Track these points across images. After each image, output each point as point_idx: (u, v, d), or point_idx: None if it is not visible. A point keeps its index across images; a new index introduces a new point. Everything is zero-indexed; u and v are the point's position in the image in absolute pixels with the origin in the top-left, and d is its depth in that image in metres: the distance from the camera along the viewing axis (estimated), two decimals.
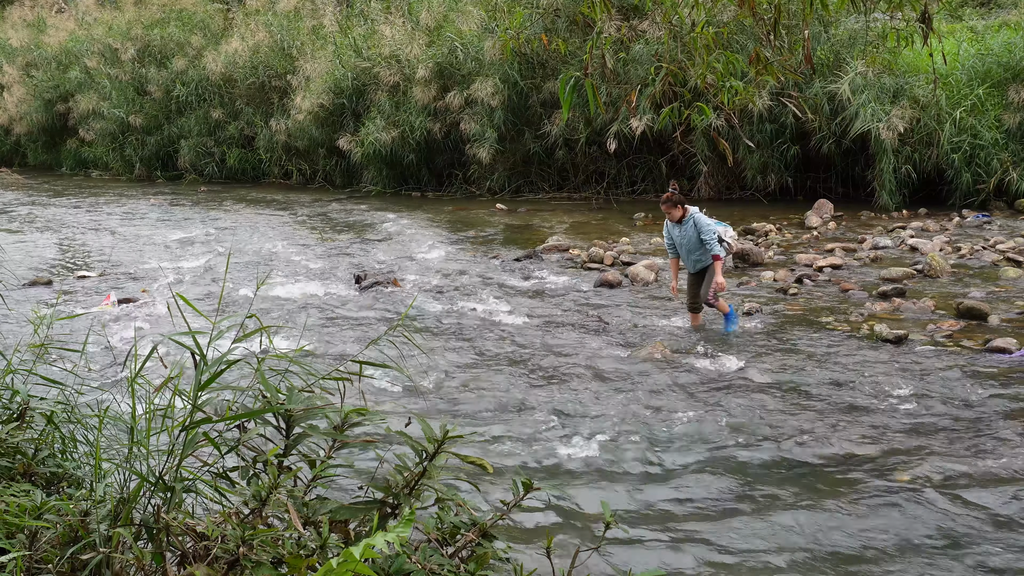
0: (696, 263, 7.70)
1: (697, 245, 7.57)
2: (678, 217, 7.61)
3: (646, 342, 7.59)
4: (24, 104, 25.92)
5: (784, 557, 4.11)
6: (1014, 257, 9.98)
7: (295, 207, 17.35)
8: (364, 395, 2.89)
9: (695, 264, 7.71)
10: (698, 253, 7.62)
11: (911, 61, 14.44)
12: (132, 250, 13.09)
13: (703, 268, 7.69)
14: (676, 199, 7.58)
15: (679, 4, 4.25)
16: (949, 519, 4.40)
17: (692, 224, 7.54)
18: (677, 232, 7.67)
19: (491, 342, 7.81)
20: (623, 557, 4.12)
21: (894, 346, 7.23)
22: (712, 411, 5.98)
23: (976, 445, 5.28)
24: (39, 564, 2.20)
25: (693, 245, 7.60)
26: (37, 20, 27.95)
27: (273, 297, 9.55)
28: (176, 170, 23.31)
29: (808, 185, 15.40)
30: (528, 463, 5.23)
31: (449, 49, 17.82)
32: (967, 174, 13.42)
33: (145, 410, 2.51)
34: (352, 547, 1.72)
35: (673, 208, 7.59)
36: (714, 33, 4.05)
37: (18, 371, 3.20)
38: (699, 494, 4.79)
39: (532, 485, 2.36)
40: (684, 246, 7.66)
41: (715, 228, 7.57)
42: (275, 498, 2.19)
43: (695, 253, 7.64)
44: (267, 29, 21.62)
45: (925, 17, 3.88)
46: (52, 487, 2.79)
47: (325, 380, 2.66)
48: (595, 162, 16.95)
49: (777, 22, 3.98)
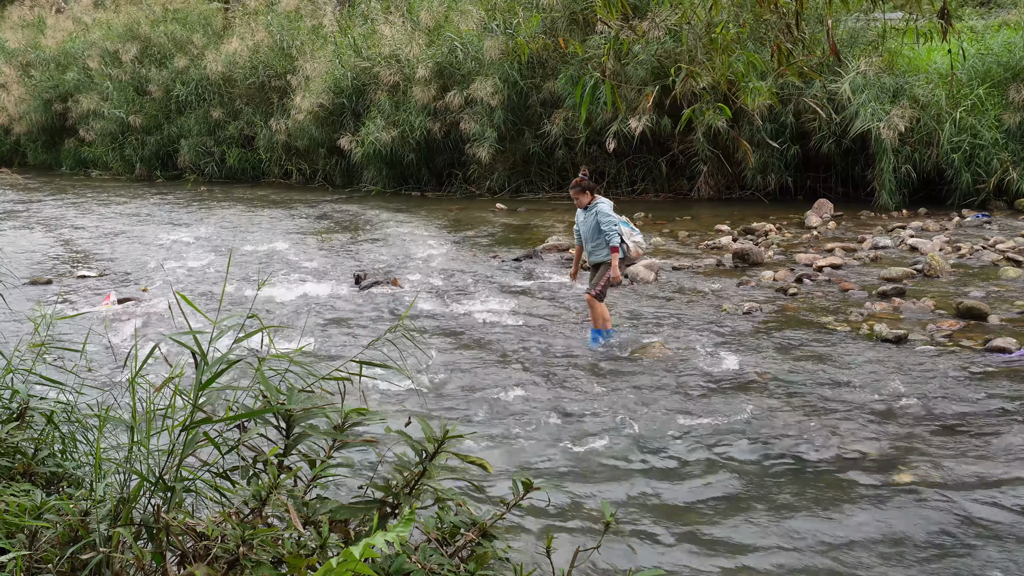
0: (591, 253, 7.63)
1: (595, 234, 7.49)
2: (585, 203, 7.55)
3: (646, 342, 7.59)
4: (23, 104, 25.92)
5: (784, 556, 4.12)
6: (1014, 257, 9.98)
7: (295, 207, 17.34)
8: (364, 395, 2.89)
9: (590, 255, 7.64)
10: (594, 244, 7.54)
11: (911, 61, 14.44)
12: (132, 250, 13.09)
13: (598, 262, 7.61)
14: (585, 185, 7.51)
15: (696, 4, 4.25)
16: (949, 519, 4.40)
17: (595, 213, 7.48)
18: (581, 218, 7.64)
19: (491, 342, 7.81)
20: (623, 557, 4.12)
21: (894, 346, 7.23)
22: (712, 411, 5.98)
23: (976, 445, 5.28)
24: (39, 564, 2.20)
25: (591, 234, 7.53)
26: (37, 20, 27.94)
27: (273, 297, 9.55)
28: (176, 170, 23.31)
29: (808, 185, 15.40)
30: (528, 463, 5.23)
31: (449, 49, 17.83)
32: (967, 174, 13.42)
33: (145, 410, 2.51)
34: (352, 547, 1.72)
35: (581, 194, 7.53)
36: (735, 33, 4.04)
37: (18, 371, 3.20)
38: (699, 494, 4.79)
39: (532, 485, 2.36)
40: (584, 234, 7.61)
41: (617, 223, 7.48)
42: (275, 498, 2.19)
43: (592, 242, 7.56)
44: (267, 29, 21.62)
45: (944, 13, 3.86)
46: (52, 487, 2.79)
47: (325, 380, 2.66)
48: (595, 162, 16.94)
49: (799, 14, 3.96)
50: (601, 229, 7.43)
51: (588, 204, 7.56)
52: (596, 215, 7.46)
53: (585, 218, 7.58)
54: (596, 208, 7.49)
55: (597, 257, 7.59)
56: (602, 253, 7.52)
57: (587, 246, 7.63)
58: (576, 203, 7.66)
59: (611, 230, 7.37)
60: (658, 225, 13.68)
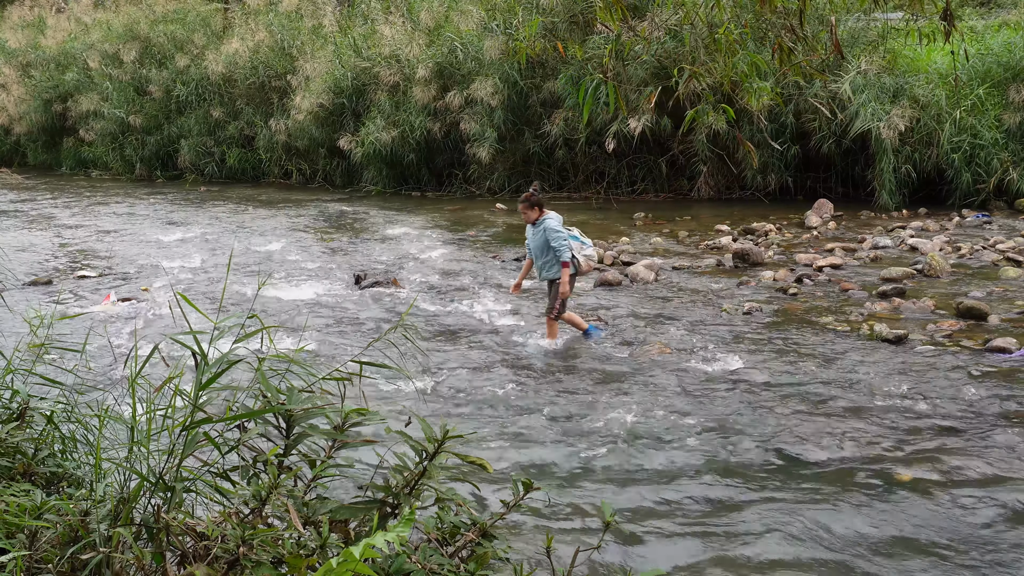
0: (541, 270, 7.54)
1: (545, 250, 7.41)
2: (533, 219, 7.49)
3: (646, 342, 7.59)
4: (23, 104, 25.92)
5: (784, 556, 4.11)
6: (1014, 257, 9.98)
7: (295, 207, 17.35)
8: (364, 395, 2.89)
9: (541, 271, 7.55)
10: (545, 258, 7.45)
11: (911, 61, 14.45)
12: (132, 250, 13.09)
13: (550, 279, 7.52)
14: (533, 200, 7.45)
15: (699, 4, 4.24)
16: (949, 519, 4.40)
17: (543, 229, 7.40)
18: (531, 234, 7.56)
19: (491, 342, 7.81)
20: (623, 557, 4.12)
21: (894, 346, 7.23)
22: (711, 411, 5.98)
23: (976, 445, 5.28)
24: (39, 564, 2.20)
25: (541, 250, 7.44)
26: (37, 20, 27.94)
27: (273, 297, 9.55)
28: (176, 170, 23.31)
29: (808, 185, 15.41)
30: (528, 463, 5.23)
31: (449, 49, 17.83)
32: (967, 174, 13.42)
33: (145, 410, 2.51)
34: (352, 547, 1.72)
35: (529, 209, 7.47)
36: (738, 34, 4.04)
37: (18, 371, 3.20)
38: (699, 494, 4.79)
39: (532, 485, 2.36)
40: (534, 249, 7.53)
41: (567, 237, 7.40)
42: (275, 498, 2.19)
43: (542, 258, 7.47)
44: (267, 29, 21.62)
45: (947, 14, 3.86)
46: (52, 487, 2.79)
47: (325, 380, 2.66)
48: (595, 162, 16.95)
49: (803, 12, 3.95)
50: (551, 247, 7.35)
51: (536, 220, 7.49)
52: (545, 231, 7.39)
53: (534, 234, 7.50)
54: (544, 224, 7.41)
55: (549, 273, 7.51)
56: (554, 269, 7.45)
57: (537, 262, 7.55)
58: (524, 218, 7.60)
59: (561, 246, 7.32)
60: (658, 225, 13.69)
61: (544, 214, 7.50)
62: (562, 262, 7.34)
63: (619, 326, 8.17)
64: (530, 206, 7.47)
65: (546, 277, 7.56)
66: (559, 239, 7.33)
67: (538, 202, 7.49)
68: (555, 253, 7.35)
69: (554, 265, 7.43)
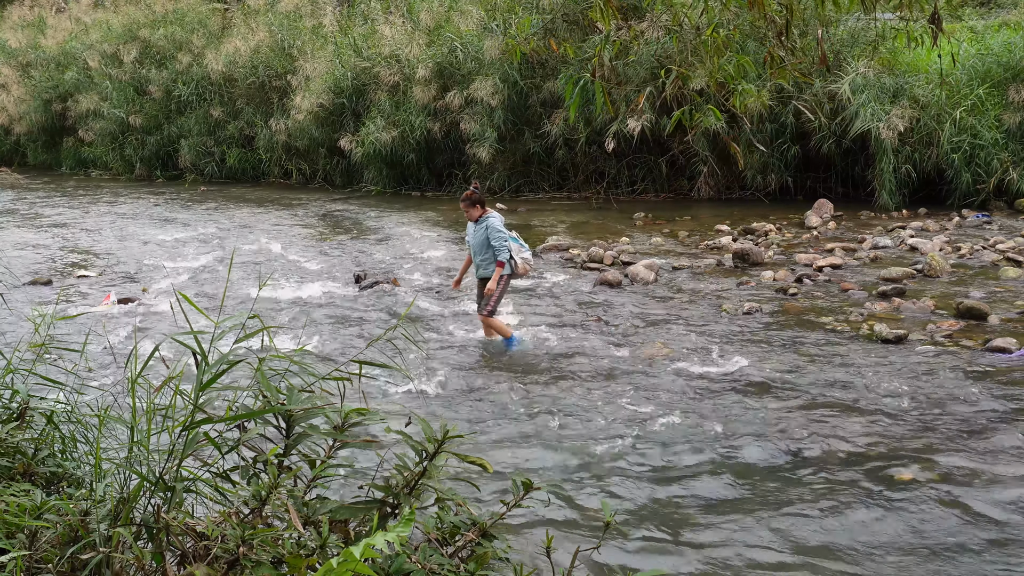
0: (479, 267, 7.63)
1: (484, 248, 7.50)
2: (475, 217, 7.57)
3: (646, 342, 7.59)
4: (23, 104, 25.92)
5: (784, 556, 4.11)
6: (1014, 257, 9.98)
7: (295, 207, 17.34)
8: (364, 395, 2.89)
9: (478, 268, 7.64)
10: (483, 256, 7.54)
11: (911, 61, 14.44)
12: (132, 249, 13.09)
13: (485, 277, 7.59)
14: (475, 198, 7.53)
15: (688, 6, 4.25)
16: (949, 518, 4.40)
17: (485, 227, 7.48)
18: (472, 231, 7.66)
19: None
20: (623, 557, 4.12)
21: (894, 346, 7.23)
22: (712, 411, 5.98)
23: (976, 445, 5.28)
24: (39, 564, 2.20)
25: (481, 247, 7.53)
26: (37, 20, 27.94)
27: (273, 297, 9.55)
28: (176, 170, 23.31)
29: (808, 185, 15.41)
30: (528, 463, 5.23)
31: (449, 49, 17.83)
32: (967, 174, 13.42)
33: (145, 410, 2.51)
34: (352, 547, 1.72)
35: (471, 207, 7.56)
36: (725, 36, 4.05)
37: (18, 371, 3.20)
38: (699, 494, 4.79)
39: (532, 485, 2.36)
40: (474, 246, 7.61)
41: (507, 238, 7.46)
42: (275, 498, 2.19)
43: (481, 255, 7.56)
44: (267, 29, 21.62)
45: (935, 17, 3.87)
46: (52, 487, 2.79)
47: (325, 380, 2.66)
48: (595, 162, 16.95)
49: (789, 22, 3.97)
50: (491, 244, 7.43)
51: (479, 218, 7.56)
52: (487, 229, 7.46)
53: (475, 232, 7.58)
54: (487, 223, 7.49)
55: (486, 271, 7.57)
56: (491, 268, 7.52)
57: (476, 259, 7.63)
58: (467, 216, 7.69)
59: (501, 245, 7.41)
60: (658, 225, 13.69)
61: (487, 212, 7.58)
62: (498, 261, 7.40)
63: (619, 326, 8.17)
64: (472, 204, 7.55)
65: (482, 275, 7.64)
66: (500, 238, 7.42)
67: (480, 200, 7.56)
68: (494, 252, 7.43)
69: (491, 263, 7.52)
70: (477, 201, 7.56)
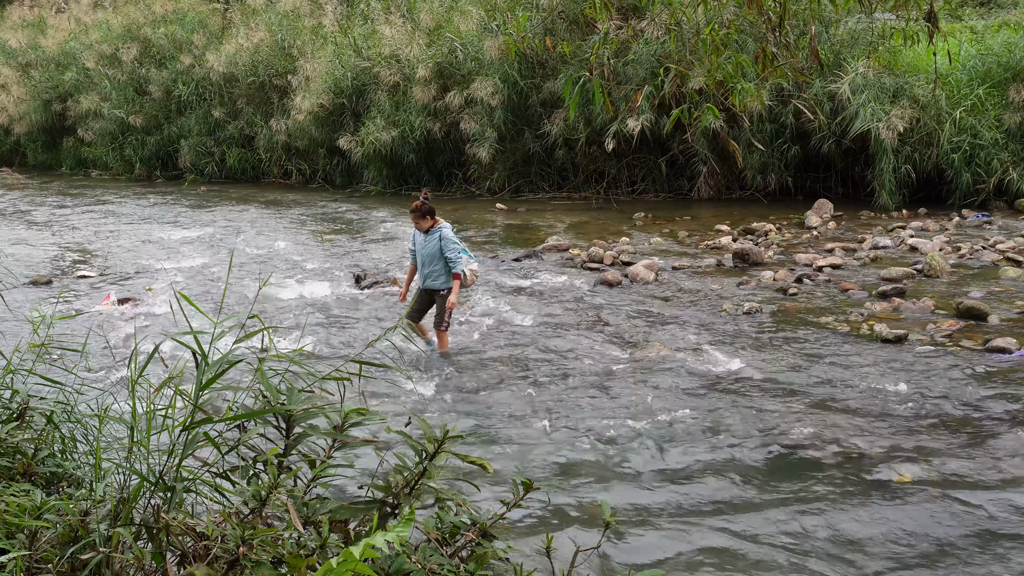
0: (426, 278, 7.36)
1: (435, 259, 7.27)
2: (426, 228, 7.33)
3: (646, 342, 7.59)
4: (23, 104, 25.92)
5: (784, 556, 4.11)
6: (1014, 257, 9.98)
7: (295, 207, 17.35)
8: (364, 395, 2.89)
9: (425, 279, 7.37)
10: (433, 267, 7.30)
11: (911, 61, 14.44)
12: (132, 250, 13.09)
13: (433, 289, 7.37)
14: (425, 209, 7.30)
15: (686, 4, 4.24)
16: (949, 518, 4.40)
17: (438, 238, 7.26)
18: (421, 241, 7.40)
19: (490, 342, 7.81)
20: (623, 557, 4.12)
21: (894, 346, 7.24)
22: (712, 411, 5.98)
23: (976, 445, 5.28)
24: (39, 564, 2.20)
25: (431, 258, 7.29)
26: (38, 20, 27.94)
27: (273, 297, 9.55)
28: (176, 170, 23.31)
29: (808, 185, 15.41)
30: (528, 463, 5.23)
31: (449, 49, 17.83)
32: (967, 174, 13.43)
33: (145, 410, 2.51)
34: (352, 547, 1.72)
35: (421, 218, 7.32)
36: (723, 34, 4.05)
37: (18, 371, 3.20)
38: (699, 494, 4.79)
39: (532, 485, 2.36)
40: (423, 258, 7.35)
41: (461, 250, 7.31)
42: (275, 498, 2.19)
43: (430, 267, 7.31)
44: (268, 28, 21.62)
45: (931, 16, 3.88)
46: (52, 487, 2.79)
47: (325, 380, 2.66)
48: (595, 162, 16.95)
49: (783, 19, 3.97)
50: (445, 255, 7.22)
51: (429, 228, 7.32)
52: (440, 240, 7.24)
53: (426, 242, 7.33)
54: (440, 233, 7.28)
55: (435, 283, 7.34)
56: (441, 279, 7.30)
57: (424, 270, 7.36)
58: (416, 226, 7.43)
59: (457, 257, 7.20)
60: (658, 225, 13.69)
61: (438, 223, 7.37)
62: (454, 273, 7.19)
63: (619, 326, 8.17)
64: (422, 215, 7.30)
65: (430, 286, 7.37)
66: (455, 250, 7.22)
67: (430, 210, 7.33)
68: (449, 264, 7.22)
69: (442, 275, 7.28)
70: (427, 212, 7.31)
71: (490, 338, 7.93)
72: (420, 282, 7.47)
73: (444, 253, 7.24)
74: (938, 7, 3.89)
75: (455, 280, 7.21)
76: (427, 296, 7.46)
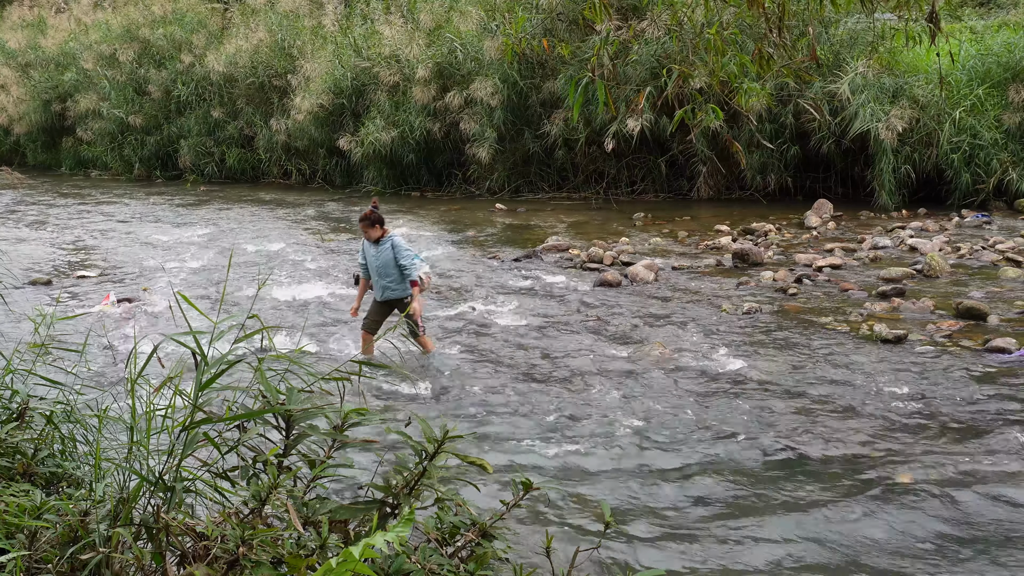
0: (384, 289, 7.19)
1: (390, 269, 7.11)
2: (375, 237, 7.14)
3: (646, 342, 7.59)
4: (23, 104, 25.91)
5: (784, 556, 4.12)
6: (1014, 257, 9.98)
7: (295, 207, 17.35)
8: (364, 395, 2.89)
9: (383, 290, 7.19)
10: (389, 279, 7.14)
11: (911, 61, 14.45)
12: (132, 250, 13.09)
13: (391, 299, 7.21)
14: (375, 218, 7.11)
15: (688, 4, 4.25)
16: (949, 519, 4.40)
17: (390, 247, 7.10)
18: (373, 252, 7.20)
19: (490, 342, 7.81)
20: (623, 557, 4.12)
21: (894, 346, 7.24)
22: (712, 411, 5.98)
23: (976, 445, 5.28)
24: (39, 564, 2.20)
25: (386, 268, 7.12)
26: (38, 20, 27.93)
27: (273, 297, 9.55)
28: (176, 170, 23.31)
29: (808, 185, 15.41)
30: (528, 463, 5.23)
31: (449, 49, 17.83)
32: (967, 174, 13.43)
33: (145, 410, 2.51)
34: (352, 547, 1.72)
35: (370, 228, 7.12)
36: (727, 34, 4.05)
37: (18, 371, 3.20)
38: (699, 494, 4.79)
39: (532, 485, 2.36)
40: (377, 268, 7.17)
41: (415, 256, 7.19)
42: (275, 498, 2.19)
43: (386, 278, 7.15)
44: (267, 28, 21.62)
45: (933, 16, 3.87)
46: (52, 487, 2.79)
47: (325, 380, 2.66)
48: (595, 162, 16.95)
49: (782, 19, 3.97)
50: (401, 264, 7.06)
51: (380, 238, 7.15)
52: (392, 249, 7.09)
53: (379, 253, 7.14)
54: (391, 242, 7.11)
55: (393, 293, 7.17)
56: (398, 289, 7.15)
57: (381, 281, 7.17)
58: (365, 236, 7.23)
59: (412, 264, 7.07)
60: (658, 225, 13.69)
61: (388, 232, 7.20)
62: (412, 281, 7.07)
63: (619, 326, 8.17)
64: (371, 224, 7.12)
65: (390, 297, 7.21)
66: (410, 257, 7.08)
67: (379, 219, 7.15)
68: (405, 272, 7.08)
69: (399, 284, 7.14)
70: (377, 220, 7.12)
71: (490, 338, 7.93)
72: (378, 294, 7.26)
73: (399, 261, 7.08)
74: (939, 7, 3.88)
75: (414, 287, 7.09)
76: (386, 307, 7.30)
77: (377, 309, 7.33)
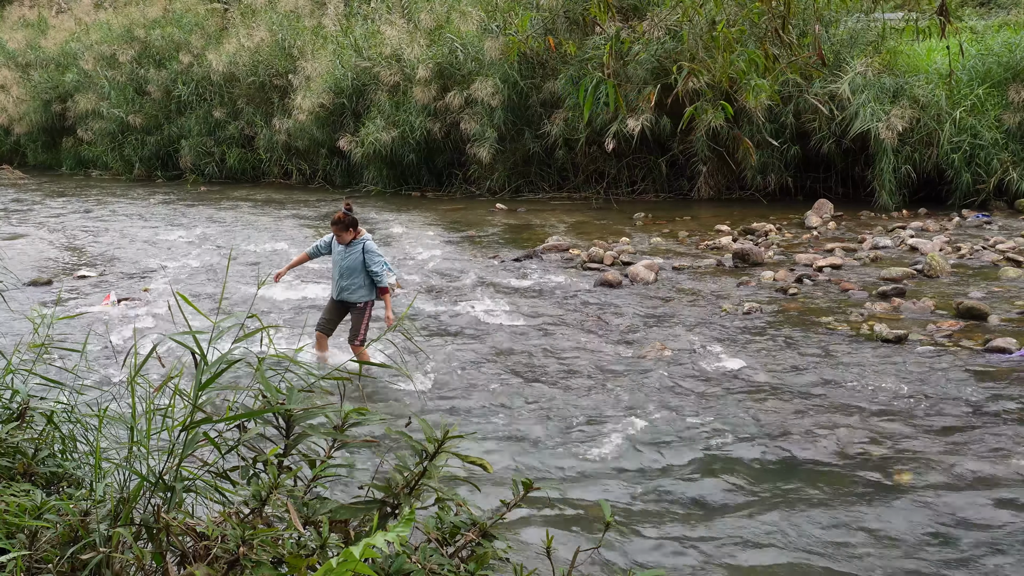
0: (343, 291, 7.07)
1: (355, 272, 7.00)
2: (348, 239, 7.04)
3: (646, 342, 7.59)
4: (23, 104, 25.91)
5: (784, 556, 4.12)
6: (1014, 257, 9.98)
7: (295, 207, 17.35)
8: (364, 395, 2.89)
9: (341, 291, 7.08)
10: (352, 280, 7.02)
11: (911, 61, 14.45)
12: (132, 250, 13.09)
13: (348, 302, 7.11)
14: (348, 221, 7.02)
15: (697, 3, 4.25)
16: (949, 519, 4.40)
17: (361, 251, 7.00)
18: (341, 251, 7.09)
19: (491, 342, 7.81)
20: (623, 557, 4.12)
21: (894, 346, 7.23)
22: (712, 411, 5.98)
23: (976, 445, 5.28)
24: (39, 564, 2.20)
25: (351, 271, 7.01)
26: (38, 20, 27.93)
27: (273, 297, 9.54)
28: (176, 170, 23.30)
29: (808, 185, 15.41)
30: (528, 463, 5.23)
31: (449, 49, 17.83)
32: (967, 174, 13.43)
33: (145, 410, 2.51)
34: (352, 547, 1.72)
35: (343, 231, 7.02)
36: (736, 31, 4.05)
37: (18, 371, 3.20)
38: (699, 494, 4.79)
39: (532, 485, 2.36)
40: (342, 269, 7.05)
41: (385, 263, 7.12)
42: (275, 498, 2.19)
43: (348, 279, 7.02)
44: (268, 28, 21.62)
45: (943, 10, 3.87)
46: (52, 487, 2.79)
47: (325, 380, 2.66)
48: (595, 162, 16.95)
49: (786, 18, 3.98)
50: (370, 270, 6.99)
51: (352, 240, 7.06)
52: (363, 253, 7.00)
53: (347, 254, 7.04)
54: (363, 246, 7.02)
55: (353, 296, 7.06)
56: (360, 292, 7.04)
57: (342, 281, 7.06)
58: (337, 240, 7.12)
59: (382, 271, 7.01)
60: (658, 225, 13.68)
61: (360, 235, 7.11)
62: (381, 287, 7.02)
63: (619, 326, 8.17)
64: (344, 227, 7.02)
65: (347, 299, 7.10)
66: (381, 264, 7.02)
67: (353, 222, 7.08)
68: (375, 279, 7.02)
69: (361, 288, 7.04)
70: (351, 224, 7.04)
71: (490, 338, 7.93)
72: (335, 293, 7.19)
73: (369, 267, 6.99)
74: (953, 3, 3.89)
75: (385, 296, 7.05)
76: (341, 308, 7.23)
77: (332, 308, 7.29)
